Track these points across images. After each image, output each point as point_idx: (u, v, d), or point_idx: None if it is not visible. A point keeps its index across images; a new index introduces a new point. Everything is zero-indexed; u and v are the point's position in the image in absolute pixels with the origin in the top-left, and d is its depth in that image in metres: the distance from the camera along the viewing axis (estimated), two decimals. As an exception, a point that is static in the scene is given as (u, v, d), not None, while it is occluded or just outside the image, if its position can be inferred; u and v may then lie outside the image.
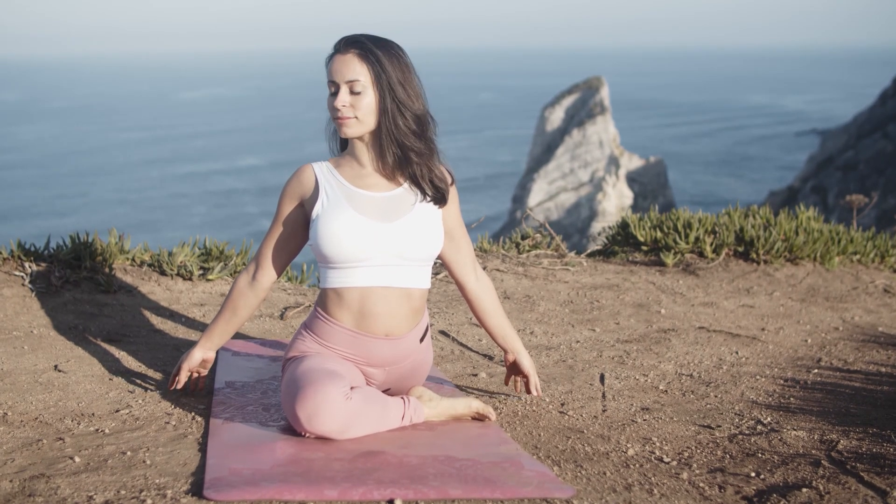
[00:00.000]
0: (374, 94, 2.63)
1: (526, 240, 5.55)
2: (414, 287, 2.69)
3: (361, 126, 2.66)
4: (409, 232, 2.65)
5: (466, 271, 2.90)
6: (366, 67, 2.62)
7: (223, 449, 2.40)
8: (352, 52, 2.64)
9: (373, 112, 2.64)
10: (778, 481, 2.35)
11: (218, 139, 75.11)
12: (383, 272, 2.65)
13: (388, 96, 2.63)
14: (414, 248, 2.66)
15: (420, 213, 2.69)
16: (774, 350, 3.84)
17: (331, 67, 2.66)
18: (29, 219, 45.04)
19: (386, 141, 2.67)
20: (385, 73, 2.62)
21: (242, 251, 4.78)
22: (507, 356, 2.99)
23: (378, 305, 2.66)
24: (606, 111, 49.89)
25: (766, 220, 5.65)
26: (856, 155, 39.74)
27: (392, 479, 2.20)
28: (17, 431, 2.57)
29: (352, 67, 2.62)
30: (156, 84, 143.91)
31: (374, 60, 2.62)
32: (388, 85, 2.63)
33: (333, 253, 2.62)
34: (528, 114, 67.11)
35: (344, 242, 2.61)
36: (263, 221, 47.75)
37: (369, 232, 2.62)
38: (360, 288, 2.65)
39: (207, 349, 2.88)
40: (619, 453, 2.55)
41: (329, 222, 2.63)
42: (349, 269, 2.64)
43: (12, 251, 4.36)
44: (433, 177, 2.71)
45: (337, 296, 2.67)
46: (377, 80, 2.62)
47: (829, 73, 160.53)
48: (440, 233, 2.73)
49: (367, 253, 2.62)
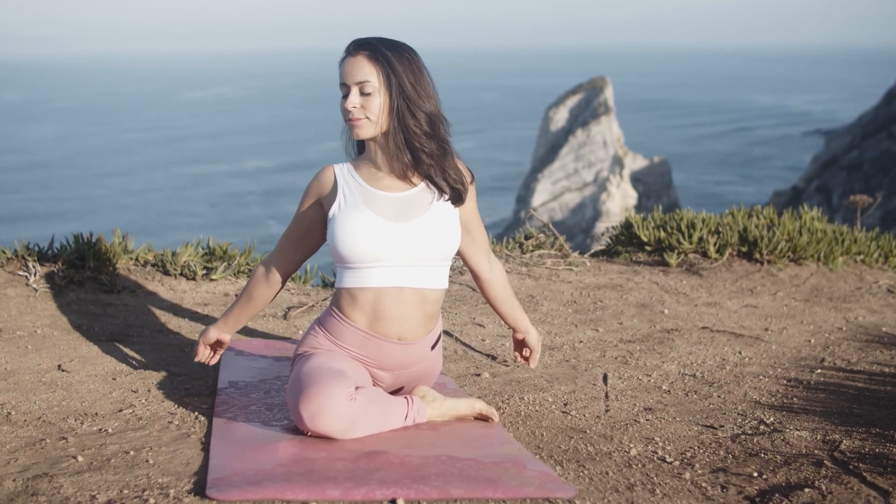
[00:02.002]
0: (384, 95, 2.64)
1: (530, 240, 5.55)
2: (429, 288, 2.68)
3: (373, 127, 2.67)
4: (425, 231, 2.65)
5: (481, 261, 2.95)
6: (376, 69, 2.63)
7: (226, 448, 2.40)
8: (362, 53, 2.65)
9: (384, 113, 2.65)
10: (780, 481, 2.35)
11: (223, 140, 75.12)
12: (398, 273, 2.65)
13: (398, 97, 2.64)
14: (429, 247, 2.66)
15: (436, 213, 2.69)
16: (778, 350, 3.84)
17: (342, 70, 2.68)
18: (33, 221, 45.08)
19: (398, 142, 2.67)
20: (395, 75, 2.63)
21: (246, 251, 4.78)
22: (517, 334, 3.05)
23: (392, 308, 2.66)
24: (610, 111, 49.84)
25: (769, 221, 5.65)
26: (860, 155, 39.69)
27: (394, 479, 2.21)
28: (20, 431, 2.58)
29: (362, 69, 2.63)
30: (160, 84, 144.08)
31: (385, 62, 2.63)
32: (399, 86, 2.64)
33: (349, 253, 2.63)
34: (532, 114, 67.13)
35: (360, 242, 2.62)
36: (269, 224, 47.73)
37: (385, 232, 2.63)
38: (375, 289, 2.65)
39: (222, 330, 2.94)
40: (622, 453, 2.55)
41: (345, 222, 2.64)
42: (364, 270, 2.65)
43: (16, 251, 4.37)
44: (447, 176, 2.71)
45: (351, 297, 2.67)
46: (387, 81, 2.63)
47: (833, 72, 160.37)
48: (456, 232, 2.72)
49: (382, 253, 2.63)
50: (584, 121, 49.83)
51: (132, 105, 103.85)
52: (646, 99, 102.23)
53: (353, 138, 2.72)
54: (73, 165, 64.06)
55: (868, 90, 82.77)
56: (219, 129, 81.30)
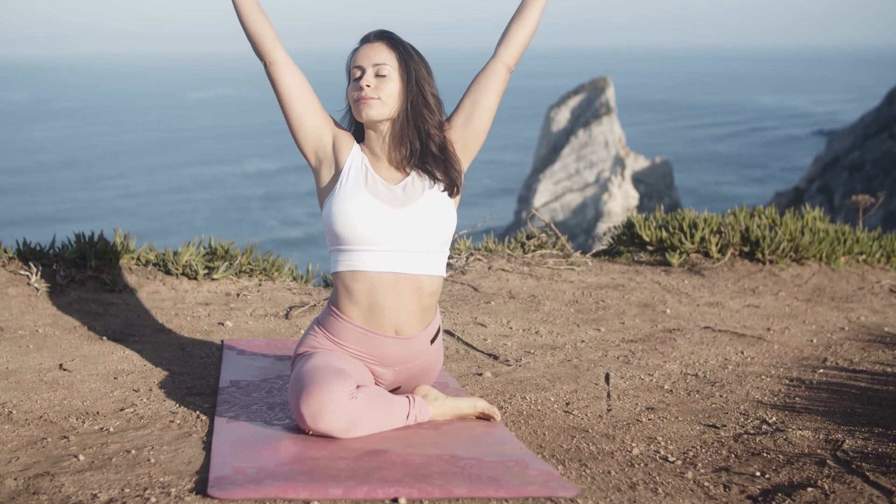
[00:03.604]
0: (399, 81, 2.71)
1: (531, 240, 5.55)
2: (424, 275, 2.68)
3: (384, 108, 2.70)
4: (422, 217, 2.67)
5: (497, 62, 2.83)
6: (394, 55, 2.71)
7: (227, 447, 2.40)
8: (381, 41, 2.74)
9: (396, 97, 2.70)
10: (783, 481, 2.35)
11: (227, 141, 75.08)
12: (394, 258, 2.65)
13: (413, 85, 2.71)
14: (425, 232, 2.67)
15: (431, 199, 2.70)
16: (780, 350, 3.83)
17: (357, 55, 2.74)
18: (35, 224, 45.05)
19: (408, 128, 2.71)
20: (413, 63, 2.72)
21: (248, 250, 4.78)
22: None
23: (387, 298, 2.65)
24: (612, 112, 49.82)
25: (771, 220, 5.64)
26: (862, 155, 39.65)
27: (396, 478, 2.20)
28: (21, 430, 2.58)
29: (380, 53, 2.71)
30: (163, 84, 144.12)
31: (402, 50, 2.72)
32: (416, 75, 2.72)
33: (345, 231, 2.64)
34: (534, 114, 67.08)
35: (357, 223, 2.63)
36: (272, 226, 47.68)
37: (382, 214, 2.64)
38: (370, 276, 2.64)
39: None
40: (624, 452, 2.55)
41: (344, 201, 2.66)
42: (359, 253, 2.65)
43: (18, 250, 4.37)
44: (450, 168, 2.73)
45: (346, 289, 2.67)
46: (404, 68, 2.71)
47: (835, 73, 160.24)
48: (452, 218, 2.73)
49: (378, 236, 2.63)
50: (585, 121, 49.81)
51: (135, 105, 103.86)
52: (647, 99, 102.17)
53: (361, 119, 2.73)
54: (76, 167, 64.06)
55: (871, 90, 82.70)
56: (222, 130, 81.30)
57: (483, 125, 2.81)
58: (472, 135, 2.81)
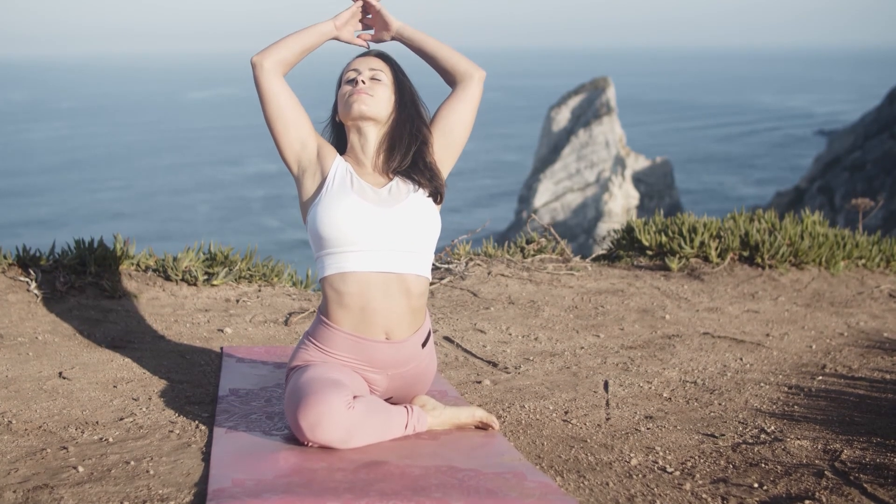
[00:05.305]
0: (392, 91, 2.82)
1: (531, 244, 5.55)
2: (412, 274, 2.70)
3: (376, 106, 2.77)
4: (408, 217, 2.71)
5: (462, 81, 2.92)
6: (389, 68, 2.85)
7: (226, 459, 2.40)
8: (376, 55, 2.87)
9: (388, 103, 2.80)
10: (781, 492, 2.35)
11: (226, 142, 75.06)
12: (381, 257, 2.67)
13: (406, 95, 2.83)
14: (412, 232, 2.70)
15: (417, 201, 2.75)
16: (779, 356, 3.83)
17: (352, 63, 2.86)
18: (36, 227, 44.97)
19: (401, 133, 2.79)
20: (406, 80, 2.86)
21: (247, 256, 4.78)
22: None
23: (377, 300, 2.66)
24: (613, 111, 49.81)
25: (771, 225, 5.64)
26: (863, 155, 39.63)
27: (394, 491, 2.20)
28: (21, 440, 2.58)
29: (376, 62, 2.85)
30: (164, 84, 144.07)
31: (397, 67, 2.87)
32: (409, 87, 2.85)
33: (331, 233, 2.67)
34: (534, 114, 67.06)
35: (343, 224, 2.66)
36: (273, 227, 47.66)
37: (369, 214, 2.68)
38: (359, 275, 2.66)
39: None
40: (623, 463, 2.55)
41: (330, 204, 2.70)
42: (346, 254, 2.67)
43: (18, 256, 4.37)
44: (435, 178, 2.79)
45: (336, 293, 2.67)
46: (398, 81, 2.84)
47: (835, 73, 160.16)
48: (436, 220, 2.78)
49: (365, 236, 2.66)
50: (586, 121, 49.80)
51: (135, 105, 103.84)
52: (648, 99, 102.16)
53: (350, 116, 2.77)
54: (76, 168, 64.04)
55: (872, 90, 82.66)
56: (223, 131, 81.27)
57: (460, 139, 2.90)
58: (449, 150, 2.89)
